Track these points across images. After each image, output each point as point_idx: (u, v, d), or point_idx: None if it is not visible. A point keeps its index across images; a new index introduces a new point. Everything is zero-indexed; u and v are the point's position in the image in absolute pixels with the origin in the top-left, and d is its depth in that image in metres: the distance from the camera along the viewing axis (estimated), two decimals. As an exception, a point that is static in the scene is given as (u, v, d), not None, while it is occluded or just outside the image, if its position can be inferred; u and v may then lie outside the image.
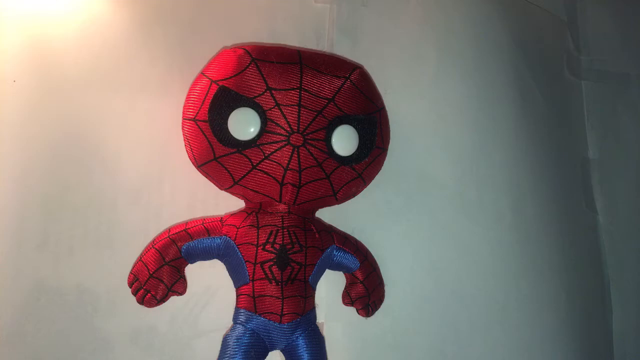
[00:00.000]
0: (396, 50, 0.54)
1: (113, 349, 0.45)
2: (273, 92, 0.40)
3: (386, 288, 0.47)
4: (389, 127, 0.46)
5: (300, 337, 0.41)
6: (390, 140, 0.46)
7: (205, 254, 0.41)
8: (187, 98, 0.41)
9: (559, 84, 0.62)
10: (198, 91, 0.40)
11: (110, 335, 0.45)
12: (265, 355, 0.40)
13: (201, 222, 0.41)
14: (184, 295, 0.42)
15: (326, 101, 0.41)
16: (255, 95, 0.40)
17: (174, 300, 0.42)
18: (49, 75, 0.46)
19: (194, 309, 0.47)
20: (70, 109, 0.47)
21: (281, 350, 0.41)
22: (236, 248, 0.41)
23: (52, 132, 0.46)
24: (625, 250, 0.56)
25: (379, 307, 0.46)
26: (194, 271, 0.43)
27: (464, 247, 0.53)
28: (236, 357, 0.38)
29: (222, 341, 0.40)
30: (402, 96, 0.54)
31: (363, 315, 0.46)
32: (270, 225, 0.41)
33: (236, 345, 0.39)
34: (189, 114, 0.40)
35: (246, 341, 0.39)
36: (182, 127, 0.41)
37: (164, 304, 0.41)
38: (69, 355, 0.45)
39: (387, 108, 0.45)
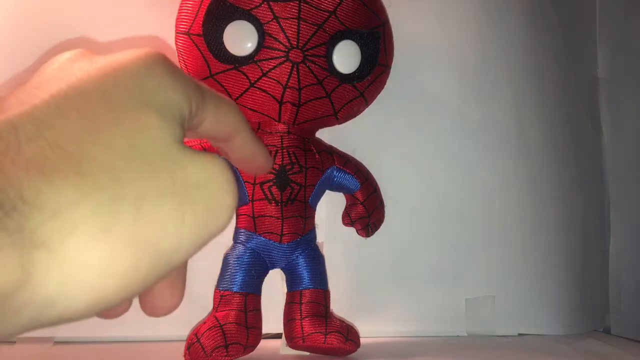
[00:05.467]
0: (402, -40, 0.51)
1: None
2: (271, 3, 0.37)
3: (386, 209, 0.47)
4: (392, 43, 0.44)
5: (301, 257, 0.41)
6: (394, 57, 0.44)
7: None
8: (179, 10, 0.39)
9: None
10: (191, 2, 0.38)
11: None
12: (266, 273, 0.41)
13: (199, 142, 0.41)
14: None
15: (327, 14, 0.39)
16: (252, 7, 0.37)
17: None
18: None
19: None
20: (58, 20, 0.45)
21: (281, 269, 0.42)
22: (235, 168, 0.40)
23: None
24: (628, 172, 0.55)
25: (379, 227, 0.47)
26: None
27: (466, 167, 0.53)
28: (237, 275, 0.39)
29: (223, 260, 0.40)
30: (407, 9, 0.51)
31: (363, 236, 0.46)
32: (269, 145, 0.40)
33: (237, 264, 0.39)
34: (182, 28, 0.38)
35: (247, 260, 0.39)
36: (176, 41, 0.39)
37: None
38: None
39: (390, 22, 0.43)
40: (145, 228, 0.15)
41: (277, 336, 0.45)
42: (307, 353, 0.42)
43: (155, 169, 0.16)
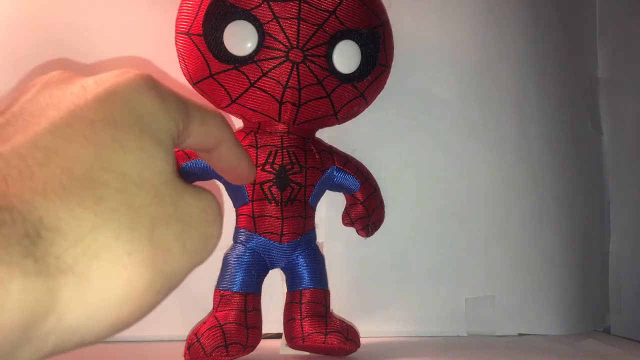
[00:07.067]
0: (402, -41, 0.51)
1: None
2: (271, 3, 0.37)
3: (386, 209, 0.47)
4: (392, 43, 0.44)
5: (301, 256, 0.41)
6: (394, 57, 0.44)
7: (203, 174, 0.41)
8: (179, 10, 0.39)
9: (572, -3, 0.59)
10: (191, 2, 0.38)
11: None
12: (266, 273, 0.41)
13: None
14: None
15: (327, 14, 0.38)
16: (252, 7, 0.37)
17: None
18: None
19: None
20: (61, 19, 0.45)
21: (281, 269, 0.42)
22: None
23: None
24: (628, 172, 0.55)
25: (379, 227, 0.47)
26: (192, 191, 0.42)
27: (465, 168, 0.52)
28: (237, 275, 0.39)
29: (223, 260, 0.40)
30: (407, 9, 0.51)
31: (363, 236, 0.46)
32: (269, 145, 0.40)
33: (237, 263, 0.39)
34: (182, 28, 0.38)
35: (247, 260, 0.39)
36: (176, 42, 0.39)
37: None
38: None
39: (390, 22, 0.43)
40: (157, 252, 0.16)
41: (277, 336, 0.45)
42: (307, 353, 0.42)
43: (161, 197, 0.16)
